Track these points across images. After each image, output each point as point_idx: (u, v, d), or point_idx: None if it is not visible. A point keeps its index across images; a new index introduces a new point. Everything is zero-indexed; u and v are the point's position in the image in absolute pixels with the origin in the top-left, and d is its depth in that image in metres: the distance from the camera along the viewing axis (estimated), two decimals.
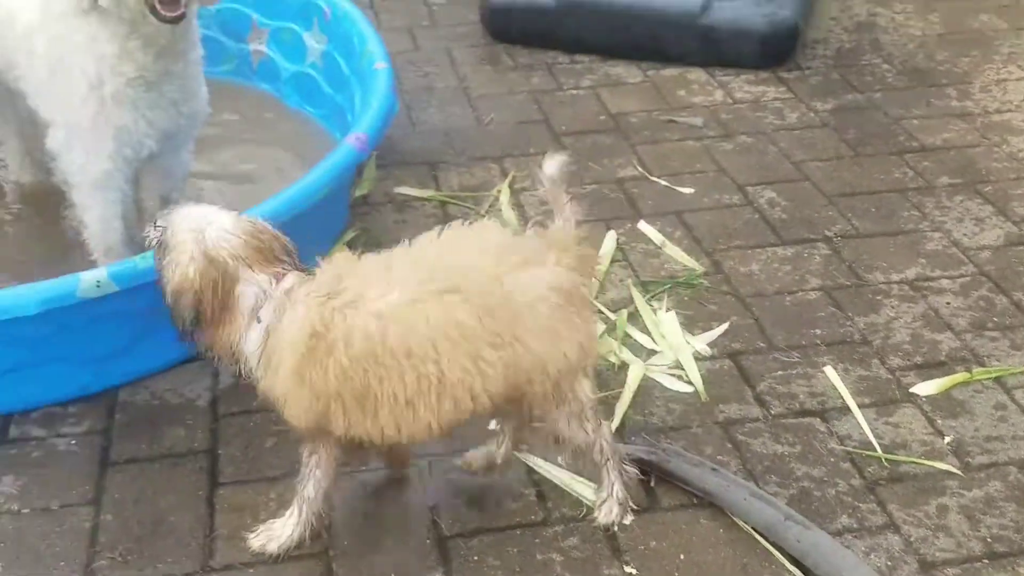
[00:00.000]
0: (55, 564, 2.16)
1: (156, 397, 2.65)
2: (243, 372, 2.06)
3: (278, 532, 2.18)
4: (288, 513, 2.18)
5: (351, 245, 3.14)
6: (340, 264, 2.06)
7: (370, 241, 3.19)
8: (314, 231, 3.02)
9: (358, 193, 3.41)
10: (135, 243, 2.91)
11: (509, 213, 3.34)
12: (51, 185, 3.36)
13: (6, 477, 2.36)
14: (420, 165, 3.63)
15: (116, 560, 2.17)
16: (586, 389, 2.12)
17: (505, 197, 3.42)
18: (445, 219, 3.32)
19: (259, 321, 2.00)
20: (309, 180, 2.78)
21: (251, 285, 2.00)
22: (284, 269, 2.04)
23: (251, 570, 2.17)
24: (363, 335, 1.92)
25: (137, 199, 3.00)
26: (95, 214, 2.78)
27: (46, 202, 3.32)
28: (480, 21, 4.54)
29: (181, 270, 1.98)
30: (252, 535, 2.18)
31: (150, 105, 2.62)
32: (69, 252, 3.07)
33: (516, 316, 1.96)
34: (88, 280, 2.37)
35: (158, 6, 2.34)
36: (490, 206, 3.40)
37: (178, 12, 2.36)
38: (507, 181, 3.50)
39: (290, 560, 2.17)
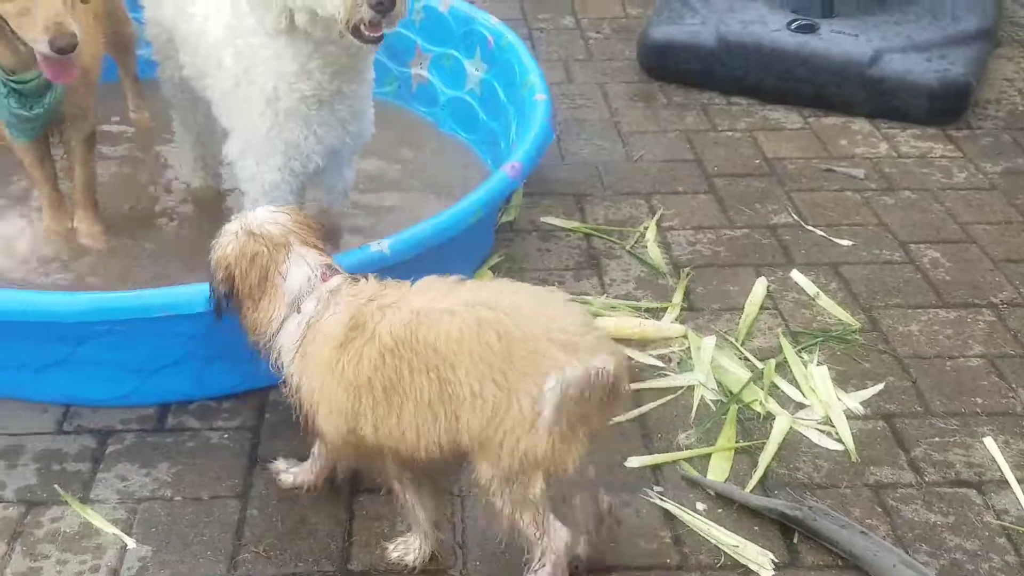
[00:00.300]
0: (202, 553, 2.33)
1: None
2: (271, 362, 2.20)
3: (414, 545, 2.30)
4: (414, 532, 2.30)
5: (495, 270, 3.29)
6: (389, 281, 2.21)
7: (513, 267, 3.33)
8: (461, 254, 3.18)
9: (504, 219, 3.53)
10: None
11: (655, 250, 3.42)
12: (217, 190, 3.63)
13: (161, 464, 2.56)
14: (567, 196, 3.74)
15: (259, 554, 2.33)
16: (536, 487, 2.03)
17: (651, 234, 3.50)
18: (589, 251, 3.44)
19: (299, 312, 2.14)
20: (464, 205, 2.92)
21: (301, 266, 2.15)
22: (331, 265, 2.21)
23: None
24: (399, 326, 2.04)
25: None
26: None
27: (211, 206, 3.58)
28: (636, 58, 4.65)
29: (221, 245, 2.19)
30: (391, 545, 2.31)
31: (320, 122, 2.78)
32: None
33: (524, 364, 1.95)
34: None
35: (363, 28, 2.45)
36: (635, 242, 3.48)
37: (379, 34, 2.47)
38: (654, 218, 3.58)
39: (423, 574, 2.28)
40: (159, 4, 3.09)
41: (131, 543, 2.35)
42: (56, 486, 2.51)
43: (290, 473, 2.49)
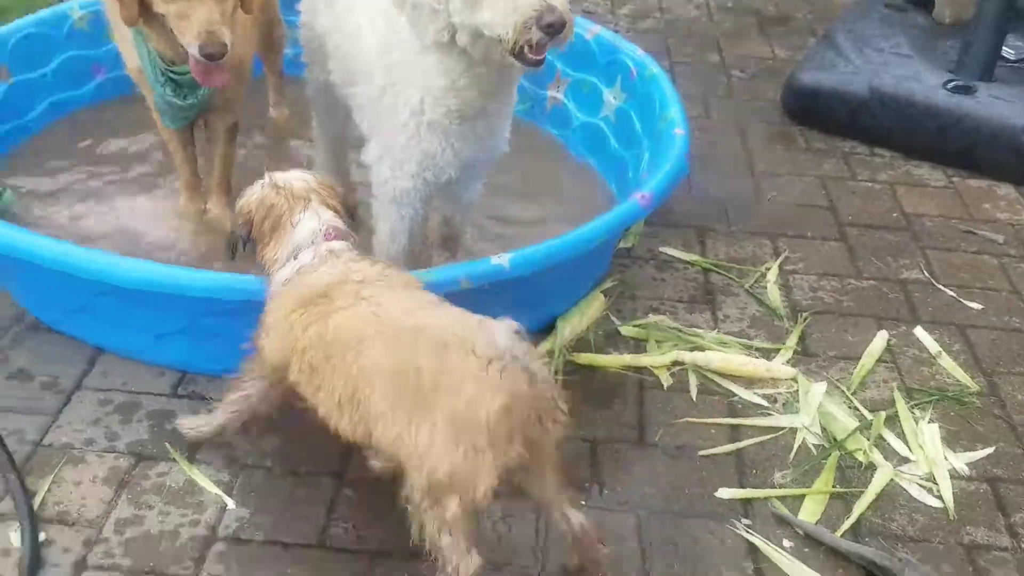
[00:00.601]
0: (295, 521, 2.54)
1: None
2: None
3: (204, 421, 2.69)
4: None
5: (607, 293, 3.40)
6: (394, 271, 2.38)
7: (625, 293, 3.44)
8: (577, 274, 3.32)
9: (622, 245, 3.64)
10: (414, 256, 3.31)
11: (774, 292, 3.48)
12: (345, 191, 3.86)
13: (267, 436, 2.76)
14: (688, 228, 3.83)
15: (349, 530, 2.52)
16: (450, 510, 2.10)
17: (773, 275, 3.56)
18: (705, 285, 3.52)
19: (295, 259, 2.37)
20: (590, 228, 3.01)
21: (312, 220, 2.39)
22: (342, 229, 2.42)
23: None
24: (347, 322, 2.21)
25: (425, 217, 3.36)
26: (386, 225, 3.14)
27: None
28: (780, 99, 4.74)
29: (247, 194, 2.48)
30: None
31: (460, 136, 2.91)
32: None
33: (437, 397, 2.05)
34: None
35: (527, 51, 2.53)
36: (755, 281, 3.55)
37: (542, 56, 2.58)
38: (778, 260, 3.65)
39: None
40: (315, 13, 3.33)
41: (231, 504, 2.57)
42: (167, 444, 2.74)
43: (195, 426, 2.73)
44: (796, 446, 2.86)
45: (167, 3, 2.88)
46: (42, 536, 2.49)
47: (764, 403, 3.01)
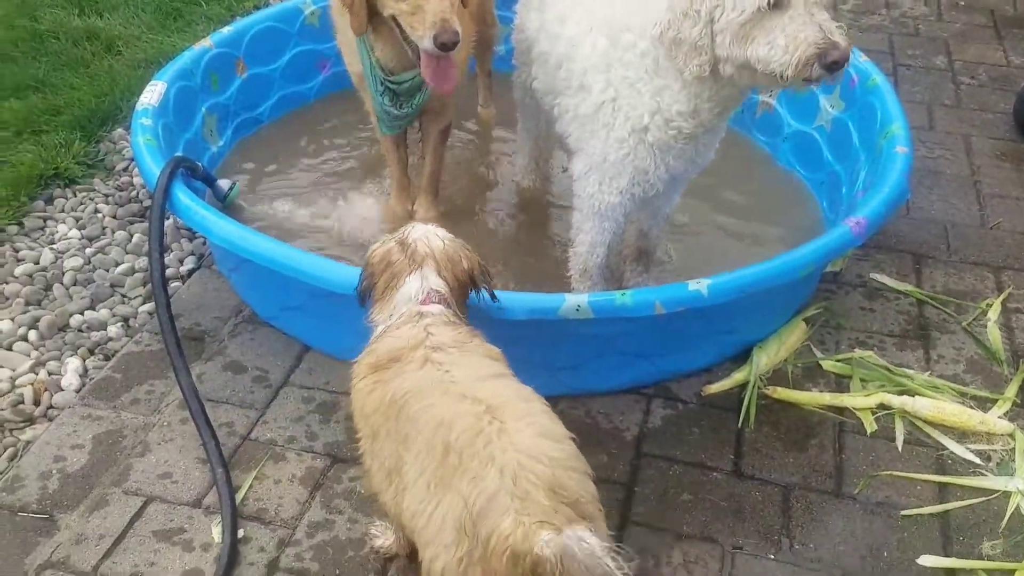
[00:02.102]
0: None
1: (589, 416, 2.91)
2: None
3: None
4: None
5: (809, 322, 3.21)
6: (477, 341, 2.21)
7: (830, 322, 3.24)
8: (779, 301, 3.15)
9: (829, 268, 3.42)
10: (608, 269, 3.21)
11: (995, 332, 3.20)
12: (545, 193, 3.78)
13: None
14: (904, 254, 3.58)
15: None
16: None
17: (994, 313, 3.28)
18: (919, 319, 3.27)
19: (390, 319, 2.24)
20: (796, 256, 2.86)
21: (415, 284, 2.26)
22: (443, 295, 2.26)
23: None
24: (405, 389, 2.05)
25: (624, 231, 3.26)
26: (586, 238, 3.05)
27: (535, 207, 3.76)
28: (1012, 112, 4.36)
29: (375, 247, 2.38)
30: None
31: (677, 155, 2.80)
32: (543, 258, 3.46)
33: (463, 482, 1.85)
34: (571, 303, 2.65)
35: (827, 75, 2.36)
36: (974, 318, 3.27)
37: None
38: (1001, 296, 3.36)
39: None
40: (527, 14, 3.24)
41: None
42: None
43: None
44: (1009, 513, 2.63)
45: (399, 1, 2.87)
46: (241, 533, 2.55)
47: (977, 460, 2.77)
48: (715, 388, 3.01)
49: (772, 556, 2.50)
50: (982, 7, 5.39)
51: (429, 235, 2.33)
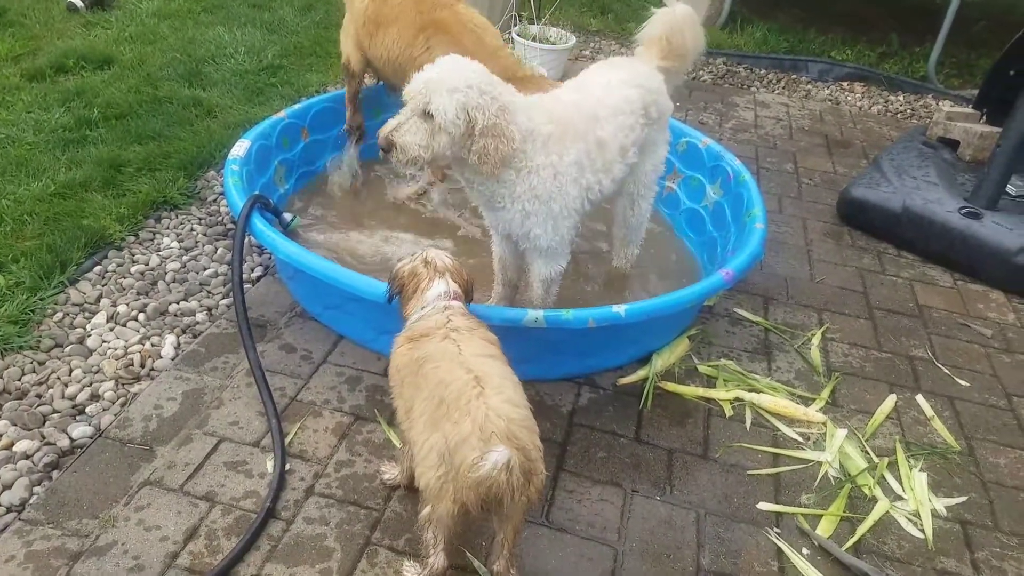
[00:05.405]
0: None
1: (538, 396, 2.96)
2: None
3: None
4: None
5: (691, 339, 3.32)
6: (484, 329, 2.24)
7: (704, 340, 3.35)
8: (672, 323, 3.26)
9: (706, 303, 3.55)
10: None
11: (816, 353, 3.35)
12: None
13: None
14: (757, 296, 3.71)
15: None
16: (426, 511, 2.01)
17: (816, 340, 3.43)
18: (765, 341, 3.40)
19: (422, 310, 2.29)
20: (688, 292, 2.95)
21: (441, 286, 2.32)
22: (460, 295, 2.35)
23: (568, 535, 2.43)
24: (426, 353, 2.10)
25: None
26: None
27: None
28: (836, 205, 4.54)
29: (403, 263, 2.40)
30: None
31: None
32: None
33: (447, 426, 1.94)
34: (531, 316, 2.74)
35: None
36: (802, 343, 3.42)
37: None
38: (821, 329, 3.51)
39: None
40: None
41: None
42: (375, 410, 2.81)
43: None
44: (820, 476, 2.78)
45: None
46: (287, 466, 2.57)
47: (799, 439, 2.93)
48: (625, 380, 3.07)
49: (659, 498, 2.60)
50: (819, 132, 5.60)
51: (442, 256, 2.42)
